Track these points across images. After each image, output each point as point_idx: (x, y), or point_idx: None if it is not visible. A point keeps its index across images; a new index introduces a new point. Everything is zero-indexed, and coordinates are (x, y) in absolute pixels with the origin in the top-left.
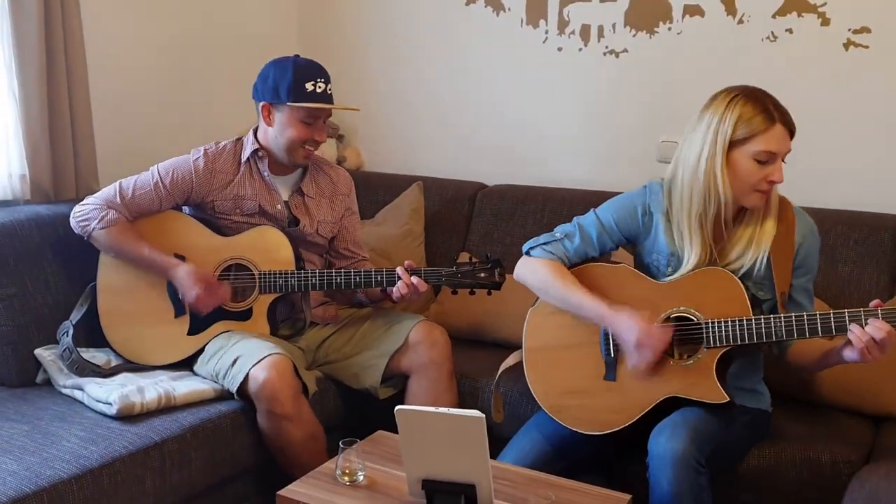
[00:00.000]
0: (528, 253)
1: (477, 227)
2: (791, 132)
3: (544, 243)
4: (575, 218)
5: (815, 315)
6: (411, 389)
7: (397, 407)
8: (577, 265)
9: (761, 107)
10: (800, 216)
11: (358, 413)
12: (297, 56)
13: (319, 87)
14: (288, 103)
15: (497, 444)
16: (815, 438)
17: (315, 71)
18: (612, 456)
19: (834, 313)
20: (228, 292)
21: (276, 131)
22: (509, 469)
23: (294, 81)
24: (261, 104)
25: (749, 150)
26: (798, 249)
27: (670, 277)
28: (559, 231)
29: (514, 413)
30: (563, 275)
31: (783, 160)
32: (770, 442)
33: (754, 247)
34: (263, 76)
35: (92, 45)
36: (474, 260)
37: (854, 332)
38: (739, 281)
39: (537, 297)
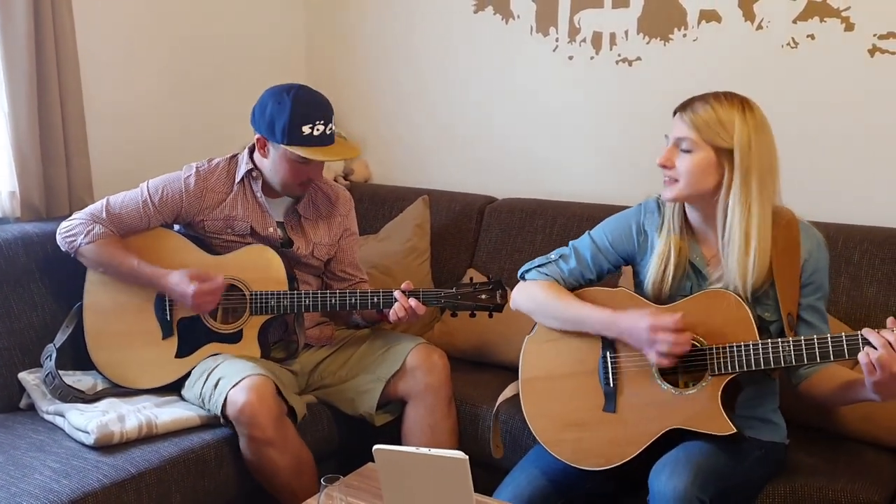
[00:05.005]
0: (522, 277)
1: (485, 243)
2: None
3: (539, 266)
4: (570, 241)
5: (827, 337)
6: (408, 416)
7: (375, 446)
8: (575, 288)
9: None
10: (805, 230)
11: (353, 441)
12: (298, 88)
13: (317, 130)
14: (282, 145)
15: (500, 474)
16: (835, 476)
17: (314, 110)
18: (614, 492)
19: (846, 335)
20: (223, 281)
21: (271, 166)
22: None
23: (290, 122)
24: (256, 135)
25: None
26: (804, 265)
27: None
28: (555, 253)
29: (517, 444)
30: (559, 292)
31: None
32: (786, 479)
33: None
34: (262, 105)
35: (87, 55)
36: (475, 281)
37: (867, 351)
38: (744, 302)
39: (534, 325)
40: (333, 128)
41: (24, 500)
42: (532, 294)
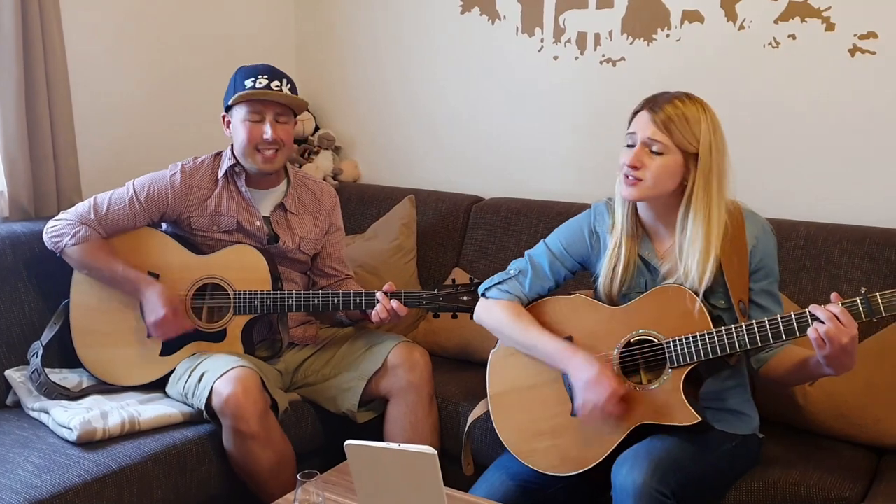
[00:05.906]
0: (484, 294)
1: (471, 242)
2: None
3: (499, 283)
4: (526, 251)
5: (777, 318)
6: (390, 414)
7: (347, 442)
8: (536, 300)
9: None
10: (749, 217)
11: (337, 439)
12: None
13: (260, 83)
14: (230, 104)
15: (479, 470)
16: (808, 471)
17: (258, 69)
18: (589, 490)
19: (795, 313)
20: (190, 326)
21: (234, 138)
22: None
23: (236, 82)
24: (221, 116)
25: None
26: (752, 251)
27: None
28: (513, 268)
29: (497, 442)
30: (518, 315)
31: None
32: (759, 474)
33: (688, 245)
34: (226, 91)
35: (75, 55)
36: (458, 282)
37: (815, 327)
38: (695, 294)
39: (498, 340)
40: (280, 87)
41: (4, 494)
42: (493, 315)
